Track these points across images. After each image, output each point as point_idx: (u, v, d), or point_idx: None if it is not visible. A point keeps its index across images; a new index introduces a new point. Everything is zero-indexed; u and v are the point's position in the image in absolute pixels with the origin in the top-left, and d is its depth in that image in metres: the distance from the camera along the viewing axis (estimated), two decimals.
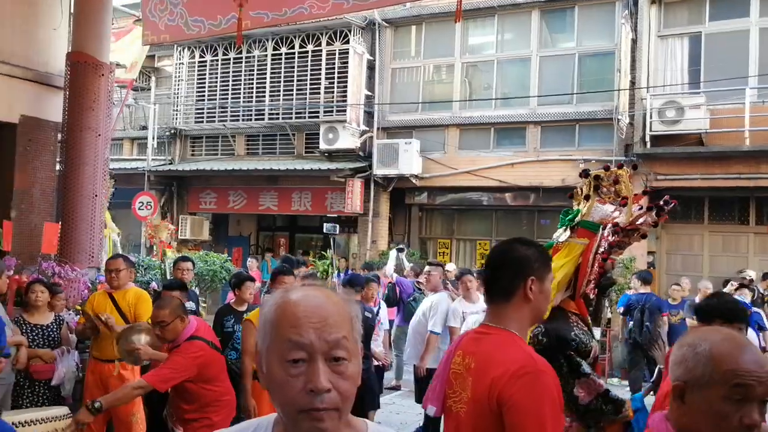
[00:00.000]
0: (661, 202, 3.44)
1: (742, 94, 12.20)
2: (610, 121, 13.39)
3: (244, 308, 6.68)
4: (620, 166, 3.72)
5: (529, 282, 2.28)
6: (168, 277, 10.01)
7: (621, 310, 10.78)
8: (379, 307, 7.98)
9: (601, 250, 3.31)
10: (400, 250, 13.75)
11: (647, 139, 12.91)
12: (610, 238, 3.31)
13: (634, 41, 13.35)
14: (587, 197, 3.51)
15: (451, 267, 13.92)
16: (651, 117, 12.79)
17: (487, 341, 2.28)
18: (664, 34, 13.63)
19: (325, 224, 14.51)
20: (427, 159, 15.17)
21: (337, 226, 14.67)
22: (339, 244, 17.99)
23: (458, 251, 16.11)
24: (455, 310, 7.39)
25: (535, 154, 14.30)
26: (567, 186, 13.66)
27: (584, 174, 3.61)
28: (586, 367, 3.07)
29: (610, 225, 3.35)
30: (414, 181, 15.21)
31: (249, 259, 15.49)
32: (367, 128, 15.69)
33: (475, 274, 7.90)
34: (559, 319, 3.17)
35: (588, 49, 14.30)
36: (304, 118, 15.99)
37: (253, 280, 7.09)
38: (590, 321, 3.31)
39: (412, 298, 10.41)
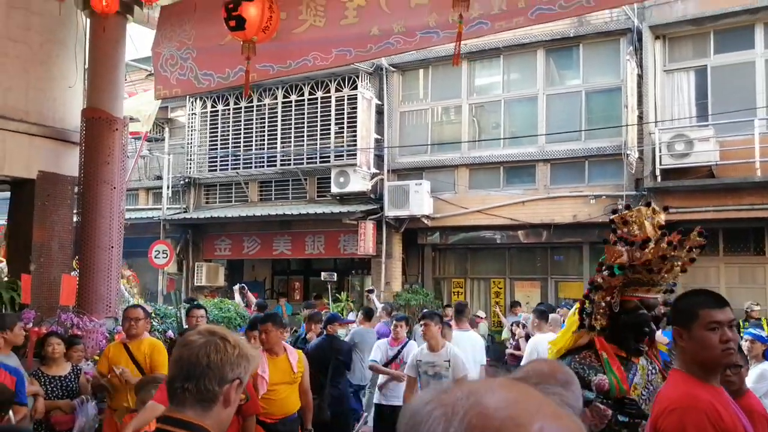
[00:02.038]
0: (694, 233, 3.53)
1: (751, 125, 12.23)
2: (620, 157, 13.42)
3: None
4: (648, 204, 3.79)
5: (675, 332, 2.59)
6: (184, 326, 10.05)
7: None
8: (404, 345, 7.87)
9: (597, 285, 3.48)
10: (370, 291, 13.73)
11: (657, 173, 12.89)
12: (605, 273, 3.48)
13: (640, 76, 13.45)
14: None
15: None
16: (660, 151, 12.80)
17: (667, 380, 2.70)
18: (669, 68, 13.73)
19: (322, 273, 14.57)
20: (438, 199, 15.25)
21: (335, 273, 14.78)
22: (353, 286, 18.03)
23: (472, 290, 16.09)
24: (411, 359, 6.57)
25: (546, 191, 14.34)
26: (579, 222, 13.75)
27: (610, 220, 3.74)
28: (587, 394, 3.19)
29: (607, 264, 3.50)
30: (426, 221, 15.27)
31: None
32: (378, 171, 15.83)
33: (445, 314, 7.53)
34: (572, 355, 3.45)
35: (594, 86, 14.42)
36: (316, 162, 16.17)
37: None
38: (626, 353, 3.42)
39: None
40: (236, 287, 14.01)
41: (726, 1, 12.54)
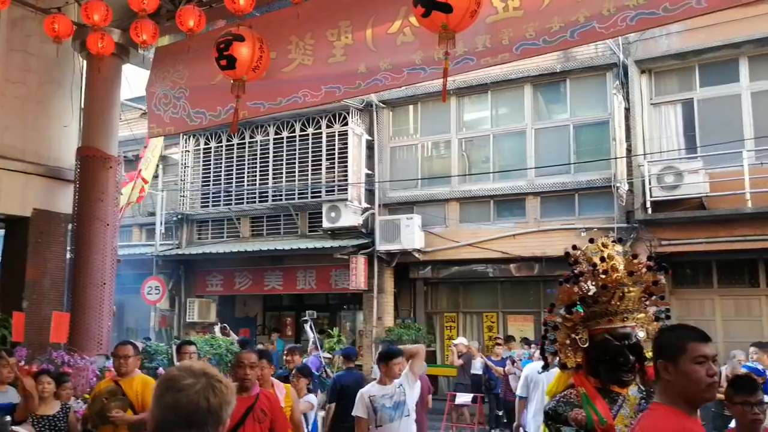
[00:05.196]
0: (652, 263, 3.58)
1: (740, 156, 12.31)
2: (610, 189, 13.50)
3: None
4: (620, 240, 3.83)
5: (659, 365, 2.59)
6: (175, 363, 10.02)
7: None
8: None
9: (558, 320, 3.57)
10: (304, 322, 13.63)
11: (648, 205, 12.93)
12: (562, 312, 3.56)
13: (628, 110, 13.59)
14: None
15: (461, 341, 13.91)
16: (650, 183, 12.84)
17: (650, 414, 2.67)
18: (656, 101, 13.89)
19: (307, 311, 14.57)
20: (429, 233, 15.30)
21: (315, 312, 14.76)
22: (345, 321, 17.99)
23: (465, 325, 16.08)
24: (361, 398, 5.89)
25: (536, 224, 14.41)
26: None
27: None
28: (566, 429, 3.28)
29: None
30: (417, 255, 15.31)
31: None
32: (369, 205, 15.91)
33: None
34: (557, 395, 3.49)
35: (582, 120, 14.58)
36: (307, 198, 16.25)
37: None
38: (611, 385, 3.42)
39: (319, 373, 10.41)
40: (217, 327, 13.99)
41: (709, 36, 12.69)
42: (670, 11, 4.33)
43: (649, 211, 12.99)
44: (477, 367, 13.39)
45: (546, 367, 3.81)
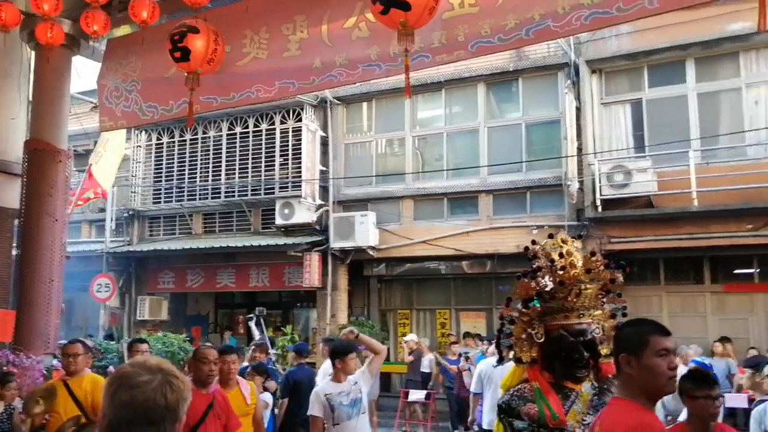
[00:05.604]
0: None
1: (686, 156, 12.57)
2: (560, 187, 13.72)
3: None
4: (580, 236, 3.89)
5: (622, 359, 2.61)
6: (126, 361, 9.85)
7: None
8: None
9: (515, 314, 3.61)
10: (249, 319, 13.59)
11: (598, 203, 13.09)
12: (518, 306, 3.59)
13: (579, 109, 13.77)
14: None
15: (412, 338, 13.98)
16: (600, 181, 13.01)
17: (610, 409, 2.71)
18: (606, 101, 14.13)
19: (256, 308, 14.49)
20: (384, 230, 15.33)
21: (264, 309, 14.72)
22: (299, 319, 17.92)
23: (418, 322, 16.15)
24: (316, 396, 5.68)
25: (489, 222, 14.54)
26: (522, 252, 13.84)
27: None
28: (518, 423, 3.35)
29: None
30: (371, 252, 15.31)
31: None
32: (323, 202, 15.85)
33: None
34: (511, 390, 3.54)
35: (534, 119, 14.76)
36: (260, 195, 16.12)
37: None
38: (564, 381, 3.46)
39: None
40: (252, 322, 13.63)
41: (658, 37, 12.95)
42: (624, 11, 4.40)
43: (599, 209, 13.16)
44: (425, 365, 13.47)
45: (501, 361, 3.82)
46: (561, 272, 3.47)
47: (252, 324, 13.18)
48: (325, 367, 8.68)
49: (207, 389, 4.98)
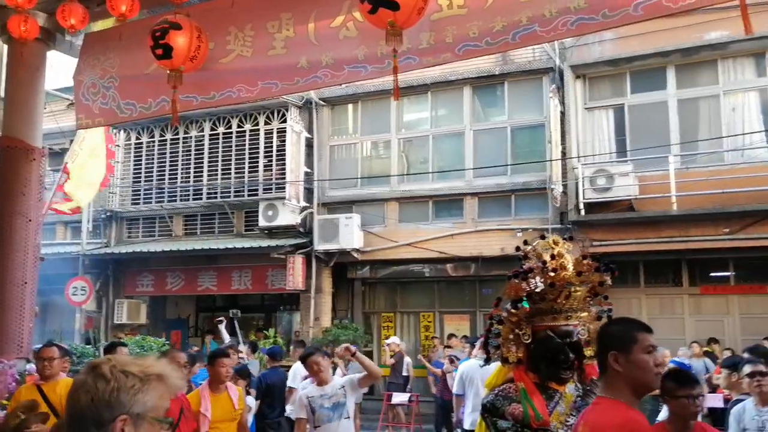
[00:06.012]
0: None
1: (666, 161, 12.73)
2: (545, 191, 13.78)
3: None
4: (570, 238, 3.86)
5: (610, 357, 2.60)
6: None
7: None
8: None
9: (504, 314, 3.61)
10: (219, 322, 13.49)
11: (581, 206, 13.24)
12: (508, 307, 3.59)
13: (563, 113, 13.85)
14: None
15: (394, 340, 13.88)
16: (583, 185, 13.17)
17: (595, 407, 2.68)
18: (590, 106, 14.23)
19: (230, 310, 14.32)
20: (368, 233, 15.24)
21: (239, 311, 14.63)
22: (281, 322, 17.76)
23: (402, 325, 16.07)
24: (299, 399, 5.72)
25: (474, 225, 14.53)
26: (506, 255, 13.89)
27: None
28: (502, 423, 3.38)
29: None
30: (355, 255, 15.21)
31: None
32: (307, 204, 15.72)
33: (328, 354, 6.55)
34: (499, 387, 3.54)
35: (519, 122, 14.79)
36: (243, 196, 15.96)
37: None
38: (549, 382, 3.47)
39: None
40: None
41: (639, 44, 13.08)
42: (609, 17, 4.35)
43: (582, 212, 13.33)
44: (404, 368, 13.38)
45: (488, 361, 3.83)
46: (552, 274, 3.48)
47: (222, 327, 12.94)
48: (296, 368, 8.62)
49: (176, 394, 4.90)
